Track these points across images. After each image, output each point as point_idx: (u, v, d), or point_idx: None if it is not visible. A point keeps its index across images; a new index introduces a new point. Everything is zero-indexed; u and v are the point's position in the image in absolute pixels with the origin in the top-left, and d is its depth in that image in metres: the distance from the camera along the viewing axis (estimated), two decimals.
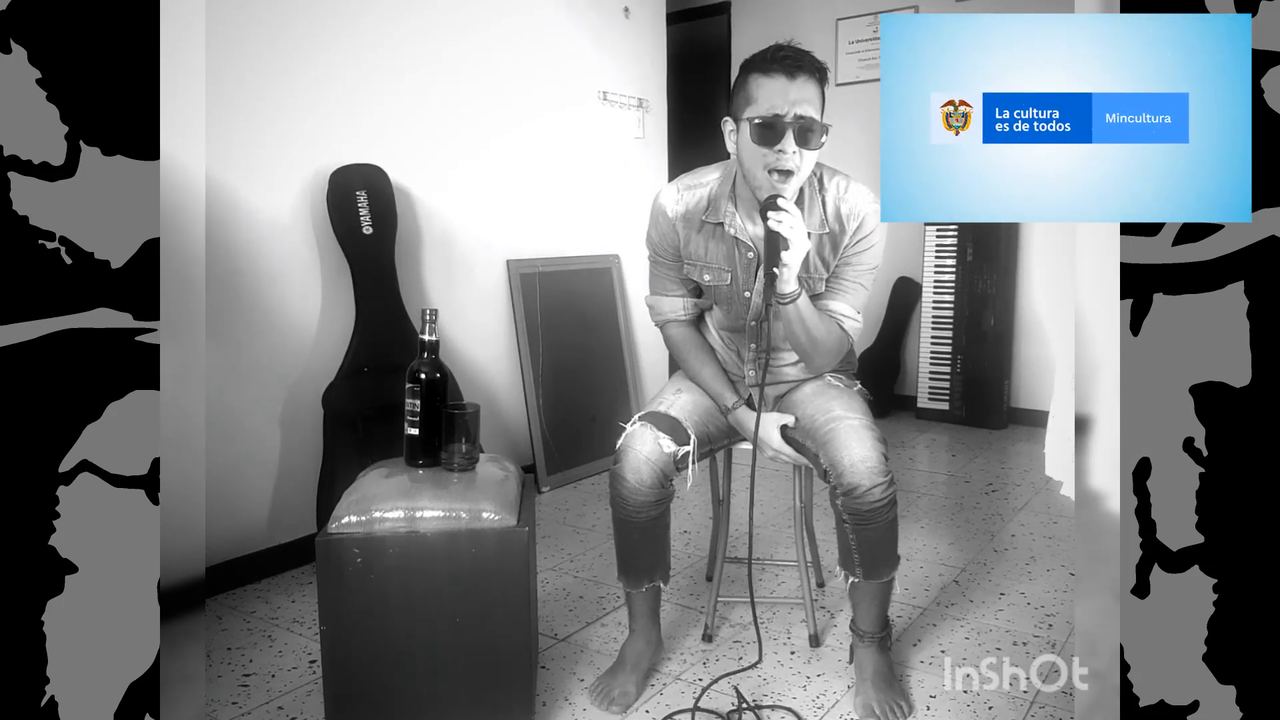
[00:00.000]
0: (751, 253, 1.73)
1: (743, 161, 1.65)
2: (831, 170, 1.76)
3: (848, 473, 1.64)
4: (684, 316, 1.88)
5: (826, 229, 1.71)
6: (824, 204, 1.71)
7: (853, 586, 1.78)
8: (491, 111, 3.16)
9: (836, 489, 1.67)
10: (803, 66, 1.57)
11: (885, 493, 1.65)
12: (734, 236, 1.74)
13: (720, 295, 1.82)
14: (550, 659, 2.00)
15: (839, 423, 1.70)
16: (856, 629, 1.82)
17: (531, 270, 3.34)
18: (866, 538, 1.69)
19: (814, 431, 1.74)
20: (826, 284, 1.77)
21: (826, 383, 1.87)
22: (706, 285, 1.82)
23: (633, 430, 1.75)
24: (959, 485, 3.38)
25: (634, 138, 3.88)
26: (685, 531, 2.83)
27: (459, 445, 1.67)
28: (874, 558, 1.72)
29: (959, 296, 4.36)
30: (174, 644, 1.05)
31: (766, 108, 1.57)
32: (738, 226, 1.73)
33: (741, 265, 1.76)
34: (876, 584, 1.76)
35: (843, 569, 1.78)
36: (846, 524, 1.69)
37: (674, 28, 4.25)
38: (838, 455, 1.66)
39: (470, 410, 1.67)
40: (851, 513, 1.67)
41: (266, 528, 2.50)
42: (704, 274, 1.80)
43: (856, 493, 1.64)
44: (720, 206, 1.74)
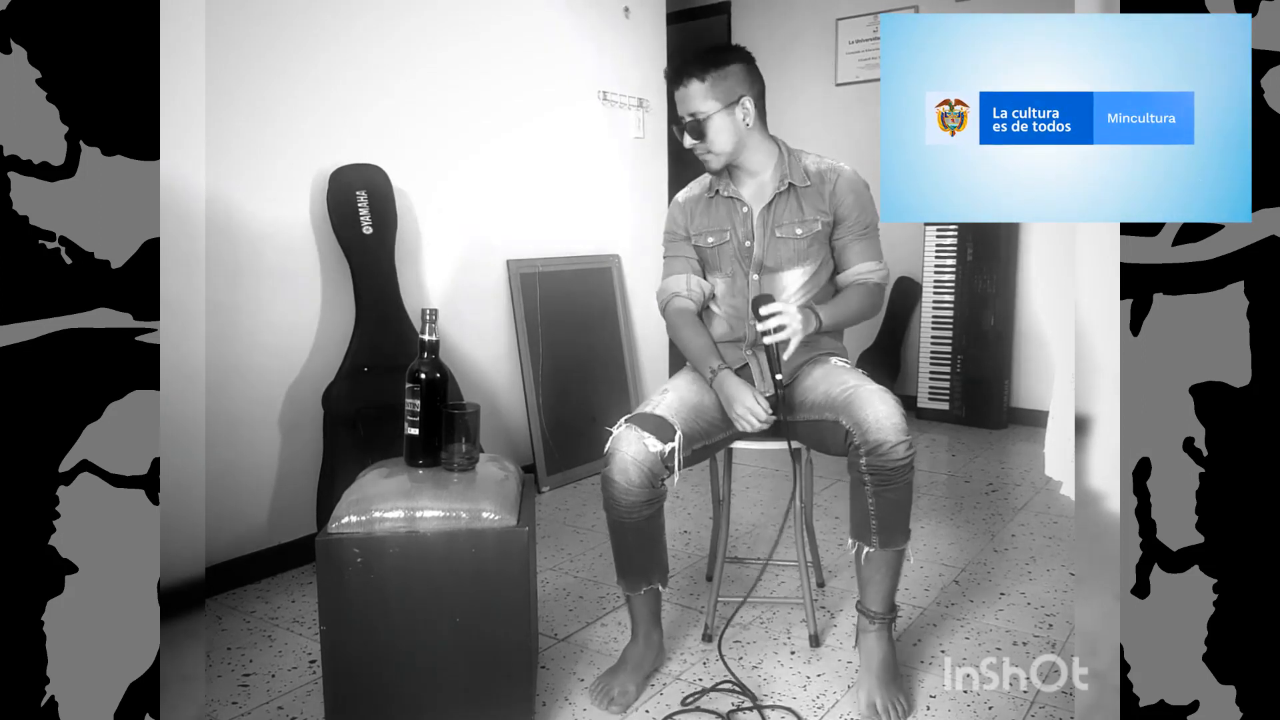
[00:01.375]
0: (746, 208, 1.95)
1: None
2: (811, 152, 1.99)
3: (874, 430, 1.67)
4: (685, 294, 2.00)
5: (808, 183, 1.93)
6: (805, 167, 1.95)
7: (866, 559, 1.77)
8: (491, 111, 3.16)
9: (860, 448, 1.68)
10: (680, 73, 1.86)
11: (908, 451, 1.68)
12: (728, 196, 1.97)
13: (725, 254, 1.97)
14: (550, 659, 2.00)
15: (858, 388, 1.75)
16: (865, 610, 1.80)
17: (531, 270, 3.34)
18: (886, 500, 1.70)
19: (832, 401, 1.76)
20: (838, 250, 1.95)
21: (832, 365, 1.89)
22: (710, 248, 1.98)
23: (619, 433, 1.75)
24: (959, 485, 3.38)
25: (634, 138, 3.88)
26: (685, 531, 2.83)
27: (459, 445, 1.67)
28: (891, 522, 1.73)
29: (959, 296, 4.36)
30: (174, 644, 1.06)
31: (676, 114, 1.91)
32: (732, 190, 1.96)
33: (739, 220, 1.96)
34: (891, 553, 1.76)
35: (857, 540, 1.77)
36: (867, 486, 1.70)
37: (674, 28, 4.25)
38: (862, 414, 1.69)
39: (470, 410, 1.68)
40: (874, 471, 1.68)
41: (266, 528, 2.50)
42: (708, 238, 1.99)
43: (882, 449, 1.66)
44: (718, 180, 1.98)
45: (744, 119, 1.87)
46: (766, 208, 1.92)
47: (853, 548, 1.79)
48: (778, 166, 1.94)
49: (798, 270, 1.92)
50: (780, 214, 1.92)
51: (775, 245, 1.92)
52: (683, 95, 1.86)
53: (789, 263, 1.92)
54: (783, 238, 1.91)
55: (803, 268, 1.92)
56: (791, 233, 1.91)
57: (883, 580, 1.78)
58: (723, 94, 1.85)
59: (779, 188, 1.91)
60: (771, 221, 1.92)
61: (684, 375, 1.98)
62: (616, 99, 3.76)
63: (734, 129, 1.87)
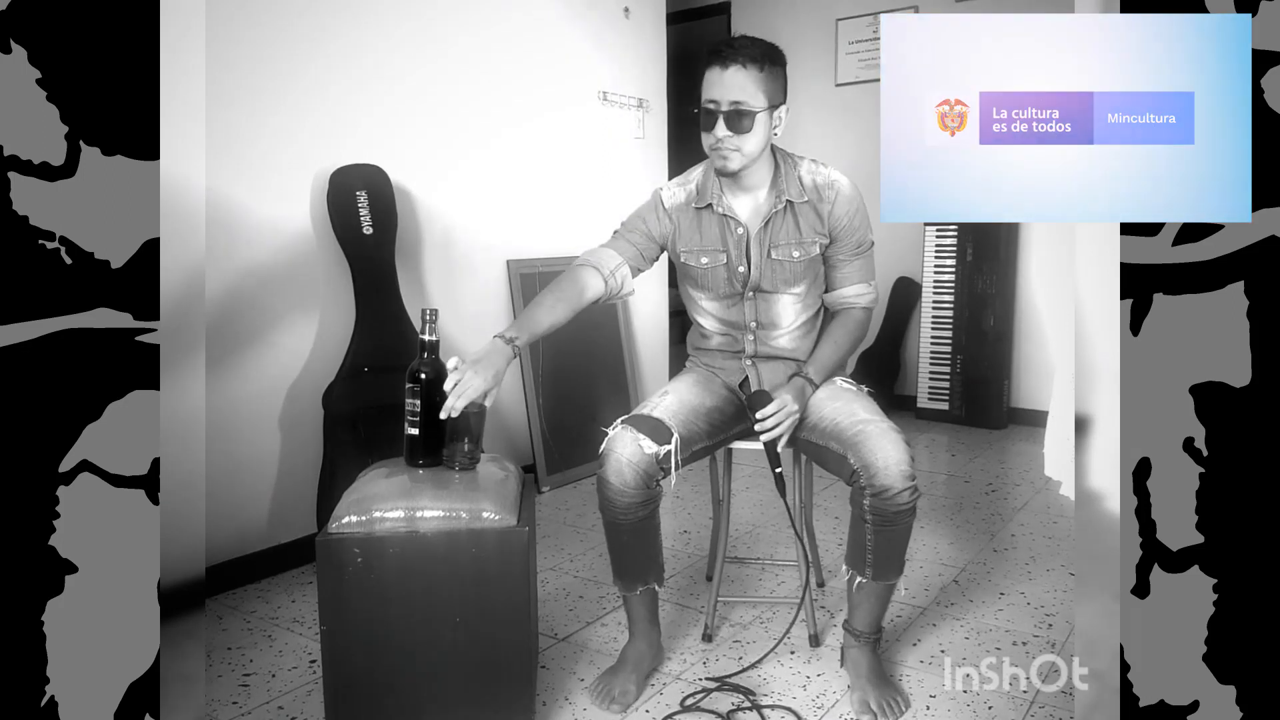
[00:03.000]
0: (741, 229, 1.85)
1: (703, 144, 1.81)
2: (804, 157, 1.90)
3: (881, 474, 1.65)
4: (604, 272, 1.84)
5: (804, 198, 1.84)
6: (800, 178, 1.86)
7: (858, 587, 1.78)
8: (492, 111, 3.16)
9: (866, 489, 1.68)
10: (734, 57, 1.71)
11: (913, 496, 1.67)
12: (721, 214, 1.86)
13: (718, 276, 1.90)
14: (550, 659, 2.00)
15: (868, 425, 1.72)
16: (852, 629, 1.82)
17: (531, 270, 3.34)
18: (886, 539, 1.70)
19: (839, 433, 1.74)
20: (830, 266, 1.90)
21: (838, 386, 1.88)
22: (703, 268, 1.90)
23: (614, 434, 1.75)
24: (959, 485, 3.38)
25: (634, 138, 3.88)
26: (685, 531, 2.83)
27: (461, 445, 1.67)
28: (887, 560, 1.73)
29: (959, 296, 4.36)
30: (174, 644, 1.05)
31: (705, 97, 1.74)
32: (725, 206, 1.86)
33: (733, 242, 1.87)
34: (882, 586, 1.77)
35: (850, 568, 1.78)
36: (868, 524, 1.70)
37: (674, 28, 4.25)
38: (871, 457, 1.67)
39: (474, 410, 1.67)
40: (877, 513, 1.68)
41: (266, 528, 2.50)
42: (700, 258, 1.89)
43: (888, 494, 1.65)
44: (707, 189, 1.87)
45: (776, 128, 1.79)
46: (763, 228, 1.84)
47: (846, 574, 1.80)
48: (774, 182, 1.85)
49: (792, 292, 1.89)
50: (777, 234, 1.85)
51: (771, 267, 1.86)
52: (729, 79, 1.70)
53: (784, 285, 1.88)
54: (779, 260, 1.86)
55: (798, 287, 1.89)
56: (788, 254, 1.85)
57: (872, 607, 1.80)
58: (771, 94, 1.74)
59: (775, 206, 1.83)
60: (768, 242, 1.85)
61: (684, 378, 1.97)
62: (616, 99, 3.76)
63: (766, 135, 1.77)
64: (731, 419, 1.92)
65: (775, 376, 1.93)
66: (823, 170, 1.86)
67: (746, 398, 1.81)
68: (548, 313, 1.77)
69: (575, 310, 1.81)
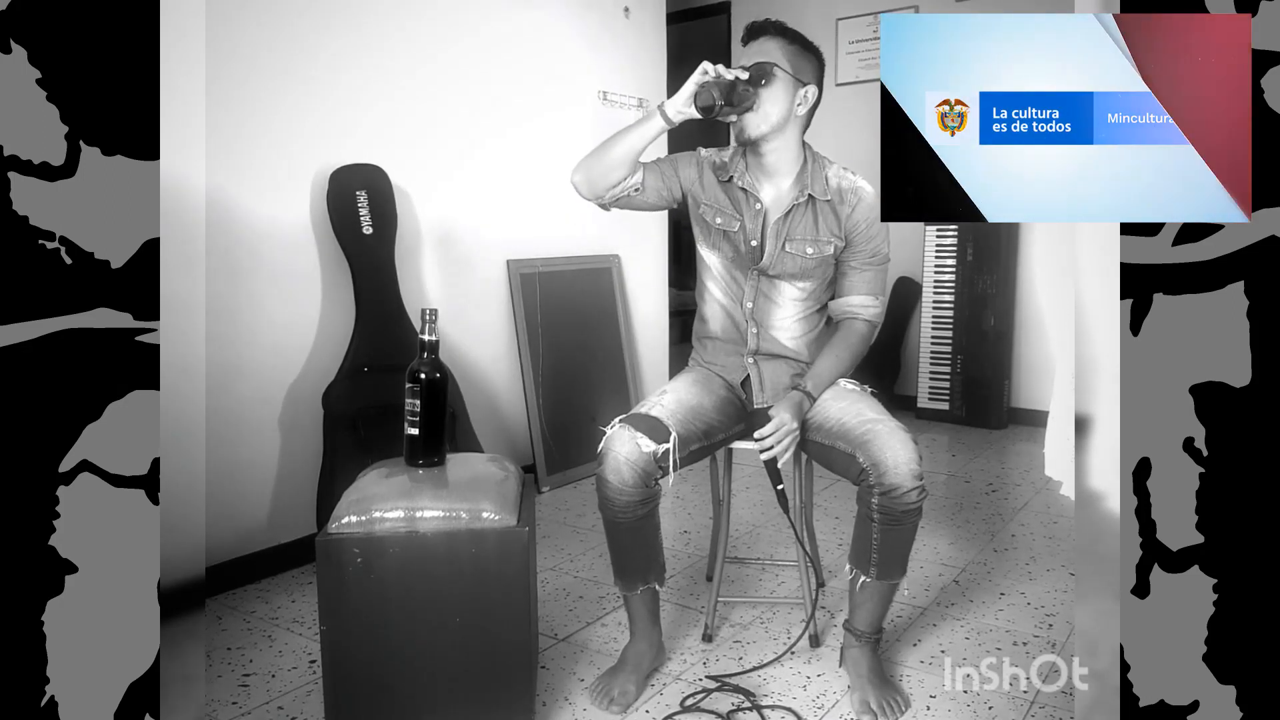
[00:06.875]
0: (760, 205, 1.89)
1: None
2: (835, 161, 1.93)
3: (891, 473, 1.66)
4: (636, 176, 1.93)
5: (828, 197, 1.87)
6: (826, 178, 1.88)
7: (861, 586, 1.78)
8: (492, 111, 3.16)
9: (875, 488, 1.68)
10: (765, 28, 1.82)
11: (920, 496, 1.68)
12: (742, 189, 1.90)
13: (731, 240, 1.93)
14: (550, 659, 2.00)
15: (876, 424, 1.73)
16: (852, 629, 1.82)
17: (531, 270, 3.34)
18: (892, 538, 1.71)
19: (847, 432, 1.75)
20: (840, 273, 1.92)
21: (841, 387, 1.88)
22: (717, 227, 1.93)
23: (612, 433, 1.75)
24: (959, 485, 3.38)
25: None
26: (685, 531, 2.83)
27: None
28: (891, 560, 1.73)
29: (959, 296, 4.36)
30: (174, 644, 1.05)
31: (734, 66, 1.80)
32: (747, 181, 1.90)
33: (749, 215, 1.90)
34: (885, 585, 1.77)
35: (854, 567, 1.78)
36: (875, 523, 1.70)
37: (674, 28, 4.25)
38: (880, 456, 1.67)
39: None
40: (885, 512, 1.68)
41: (266, 528, 2.50)
42: (716, 216, 1.93)
43: (897, 493, 1.66)
44: (735, 165, 1.92)
45: (799, 105, 1.82)
46: (783, 218, 1.87)
47: (850, 573, 1.80)
48: (800, 175, 1.87)
49: (798, 286, 1.91)
50: (795, 227, 1.87)
51: (783, 258, 1.88)
52: (757, 46, 1.80)
53: (792, 277, 1.90)
54: (792, 253, 1.88)
55: (805, 283, 1.91)
56: (802, 250, 1.87)
57: (874, 607, 1.80)
58: (797, 68, 1.80)
59: (798, 198, 1.86)
60: (785, 234, 1.87)
61: (684, 377, 1.97)
62: (616, 99, 3.76)
63: (788, 106, 1.80)
64: (731, 419, 1.92)
65: (776, 376, 1.93)
66: (850, 176, 1.89)
67: (747, 416, 1.83)
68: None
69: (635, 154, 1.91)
